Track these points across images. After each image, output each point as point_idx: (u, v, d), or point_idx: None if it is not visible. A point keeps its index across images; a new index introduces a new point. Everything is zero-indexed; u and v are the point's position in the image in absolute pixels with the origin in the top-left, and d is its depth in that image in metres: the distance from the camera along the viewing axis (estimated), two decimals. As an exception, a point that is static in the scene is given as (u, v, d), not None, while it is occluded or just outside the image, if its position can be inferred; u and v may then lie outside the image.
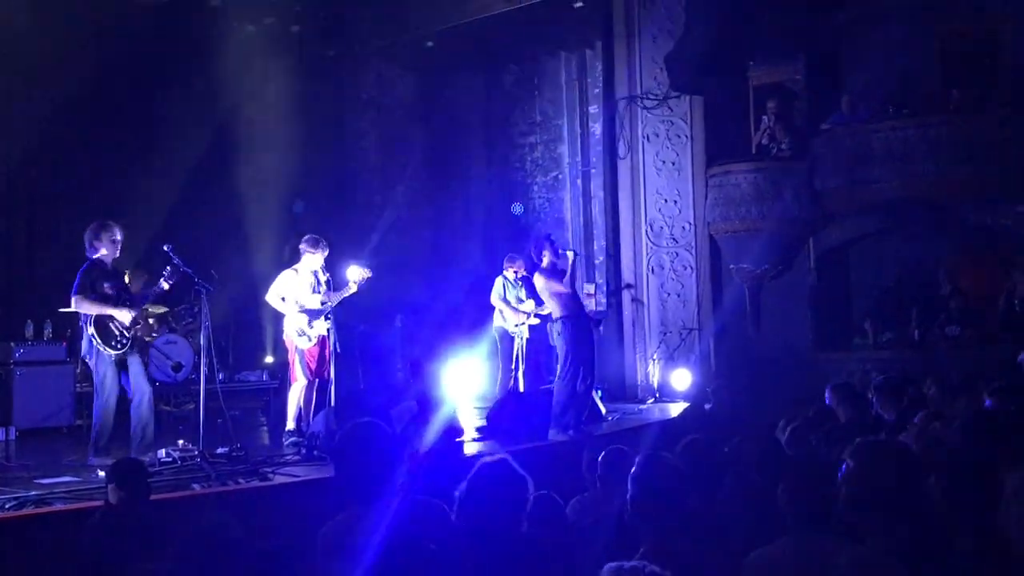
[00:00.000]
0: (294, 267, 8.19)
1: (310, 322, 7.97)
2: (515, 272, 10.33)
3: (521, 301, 10.22)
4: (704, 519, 3.89)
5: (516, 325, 10.20)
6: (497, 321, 10.35)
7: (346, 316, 9.37)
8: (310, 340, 7.96)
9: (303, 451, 7.32)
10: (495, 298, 10.29)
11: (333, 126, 14.97)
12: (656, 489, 3.32)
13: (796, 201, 12.38)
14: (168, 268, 7.05)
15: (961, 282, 12.29)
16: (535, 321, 10.16)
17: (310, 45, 14.06)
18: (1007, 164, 11.48)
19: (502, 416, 9.08)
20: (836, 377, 10.38)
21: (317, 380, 8.02)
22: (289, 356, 8.11)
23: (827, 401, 6.24)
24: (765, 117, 12.82)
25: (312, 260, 8.13)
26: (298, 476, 6.40)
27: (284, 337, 8.15)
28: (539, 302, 9.91)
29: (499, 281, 10.35)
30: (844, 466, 2.78)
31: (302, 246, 8.21)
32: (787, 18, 12.48)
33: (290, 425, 7.90)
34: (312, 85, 13.56)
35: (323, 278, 8.16)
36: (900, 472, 2.77)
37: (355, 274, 8.16)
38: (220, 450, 7.08)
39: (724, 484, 4.26)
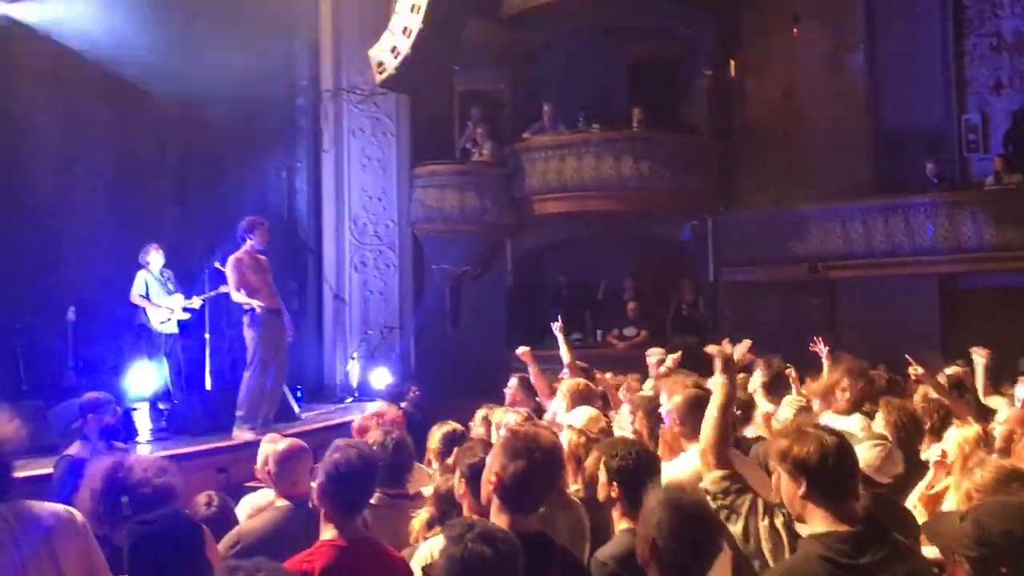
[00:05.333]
0: None
1: None
2: (160, 262, 9.52)
3: (170, 294, 9.45)
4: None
5: (161, 322, 9.31)
6: (141, 318, 9.46)
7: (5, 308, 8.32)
8: None
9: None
10: (135, 295, 9.31)
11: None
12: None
13: (496, 206, 12.81)
14: None
15: (640, 288, 13.29)
16: (184, 316, 9.41)
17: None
18: (682, 181, 12.63)
19: (183, 415, 8.57)
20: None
21: None
22: None
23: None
24: (469, 123, 13.15)
25: None
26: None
27: None
28: (188, 295, 9.31)
29: (140, 276, 9.37)
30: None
31: None
32: (490, 31, 12.89)
33: None
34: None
35: None
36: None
37: None
38: None
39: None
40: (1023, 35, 12.97)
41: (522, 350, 6.40)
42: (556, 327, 6.91)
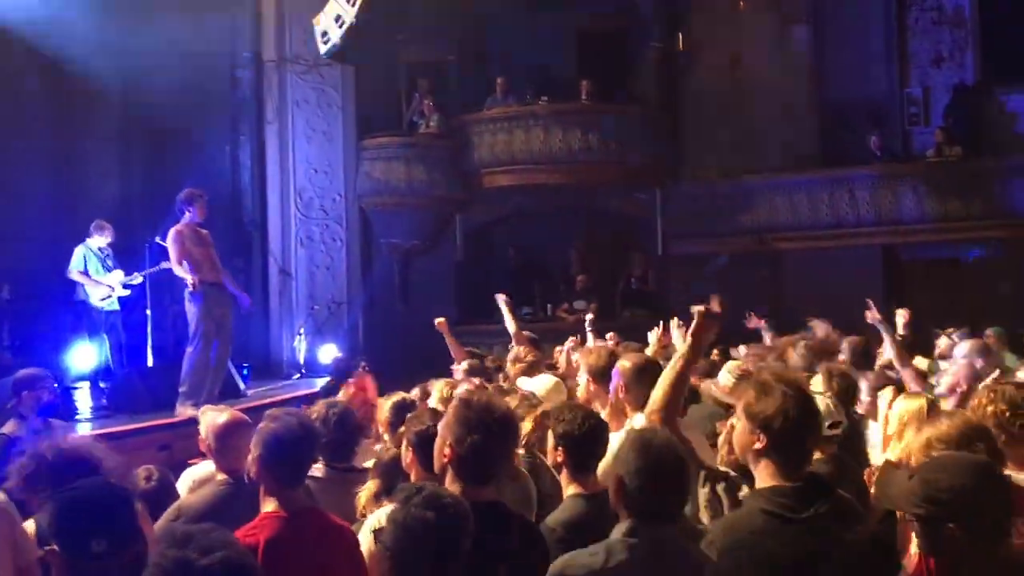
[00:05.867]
0: None
1: None
2: (106, 240, 9.27)
3: (110, 270, 9.18)
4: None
5: (101, 299, 9.08)
6: (80, 295, 9.24)
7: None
8: None
9: None
10: (73, 271, 9.06)
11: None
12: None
13: (444, 179, 12.69)
14: None
15: (589, 261, 13.31)
16: (125, 292, 9.20)
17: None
18: (630, 153, 12.63)
19: (124, 392, 8.39)
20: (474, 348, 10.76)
21: None
22: None
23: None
24: (417, 94, 12.98)
25: None
26: None
27: None
28: (128, 271, 9.10)
29: (79, 251, 9.13)
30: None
31: None
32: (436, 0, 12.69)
33: None
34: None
35: None
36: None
37: None
38: None
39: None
40: (963, 9, 13.17)
41: (438, 321, 6.43)
42: (501, 300, 6.94)
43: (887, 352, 5.71)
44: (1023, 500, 2.64)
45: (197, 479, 3.91)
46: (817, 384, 4.09)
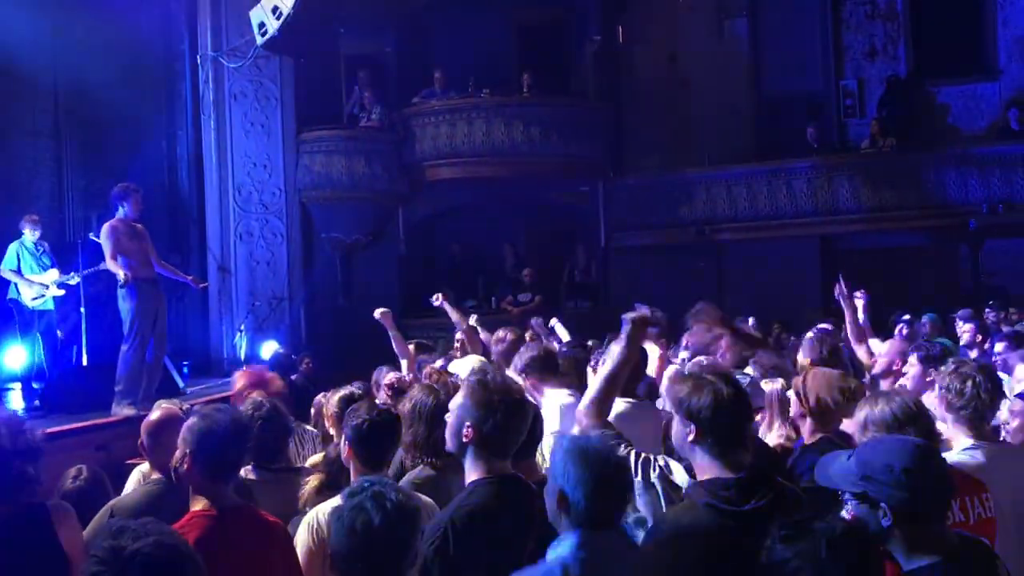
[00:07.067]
0: None
1: None
2: (36, 234, 9.01)
3: (45, 268, 8.94)
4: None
5: (33, 299, 8.85)
6: (12, 294, 8.92)
7: None
8: None
9: None
10: (5, 269, 8.79)
11: None
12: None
13: (386, 172, 12.59)
14: None
15: (530, 254, 13.33)
16: (59, 292, 8.94)
17: None
18: (572, 146, 12.66)
19: (59, 392, 8.17)
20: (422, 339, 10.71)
21: None
22: None
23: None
24: (356, 87, 12.85)
25: None
26: None
27: None
28: (65, 270, 8.87)
29: (12, 248, 8.86)
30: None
31: None
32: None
33: None
34: None
35: None
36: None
37: None
38: None
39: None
40: (895, 3, 13.46)
41: (380, 311, 6.35)
42: (436, 301, 6.95)
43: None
44: (963, 482, 2.70)
45: (146, 473, 3.83)
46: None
